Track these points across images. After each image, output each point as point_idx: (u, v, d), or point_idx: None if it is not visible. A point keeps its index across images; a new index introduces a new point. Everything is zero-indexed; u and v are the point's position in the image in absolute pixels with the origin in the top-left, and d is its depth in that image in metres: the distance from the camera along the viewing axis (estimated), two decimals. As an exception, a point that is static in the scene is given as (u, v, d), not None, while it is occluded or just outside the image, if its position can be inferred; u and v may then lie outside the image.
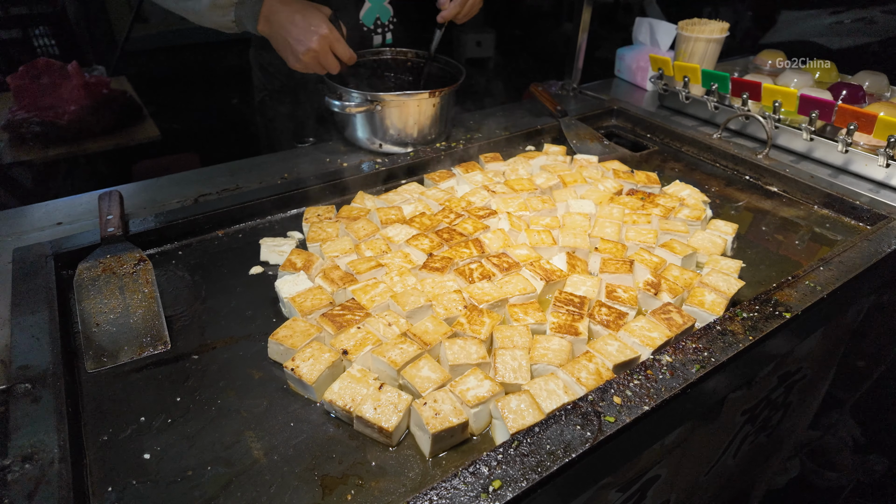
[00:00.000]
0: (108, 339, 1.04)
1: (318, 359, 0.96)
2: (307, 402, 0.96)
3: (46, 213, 1.44)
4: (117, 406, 0.95)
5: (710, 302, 1.12)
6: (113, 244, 1.24)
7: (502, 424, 0.87)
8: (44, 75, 2.64)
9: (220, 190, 1.53)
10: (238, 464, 0.86)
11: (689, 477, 1.42)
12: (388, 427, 0.86)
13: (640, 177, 1.60)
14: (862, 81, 2.00)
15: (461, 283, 1.17)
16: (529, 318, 1.08)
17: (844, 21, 3.04)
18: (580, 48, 2.23)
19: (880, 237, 1.33)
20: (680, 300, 1.17)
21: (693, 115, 2.07)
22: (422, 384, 0.92)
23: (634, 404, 0.88)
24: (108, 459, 0.86)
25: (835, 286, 1.15)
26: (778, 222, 1.52)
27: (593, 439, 0.82)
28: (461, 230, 1.33)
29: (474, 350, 0.98)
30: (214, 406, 0.95)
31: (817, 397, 1.94)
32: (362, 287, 1.13)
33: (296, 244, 1.33)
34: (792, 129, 1.75)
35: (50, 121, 2.55)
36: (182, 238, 1.36)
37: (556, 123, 1.96)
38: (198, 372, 1.02)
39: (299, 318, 1.06)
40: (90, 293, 1.12)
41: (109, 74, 3.25)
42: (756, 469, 1.90)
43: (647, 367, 0.94)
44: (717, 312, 1.10)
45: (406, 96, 1.61)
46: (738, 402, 1.30)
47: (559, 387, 0.92)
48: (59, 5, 3.71)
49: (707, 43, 2.09)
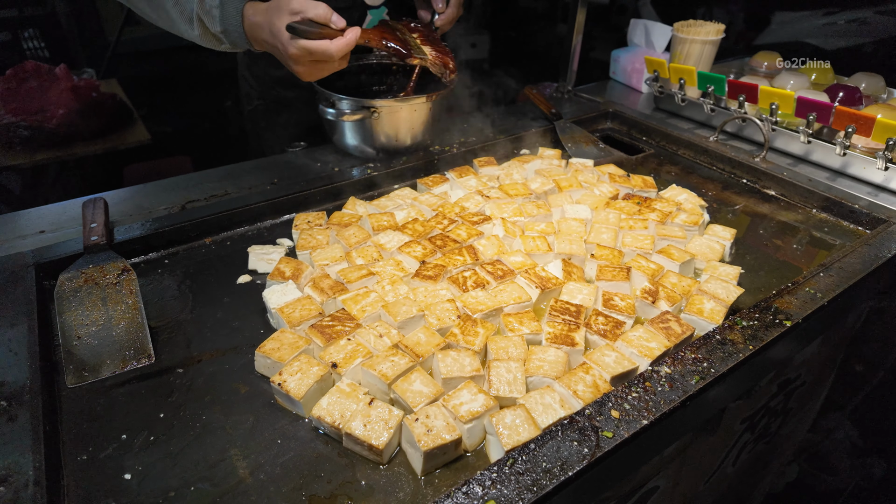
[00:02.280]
0: (90, 353, 1.01)
1: (306, 373, 0.93)
2: (295, 418, 0.93)
3: (29, 220, 1.40)
4: (98, 423, 0.91)
5: (710, 310, 1.10)
6: (96, 253, 1.20)
7: (497, 441, 0.84)
8: (32, 78, 2.60)
9: (208, 196, 1.50)
10: (222, 483, 0.83)
11: (689, 487, 1.40)
12: (379, 445, 0.83)
13: (636, 181, 1.57)
14: (858, 83, 1.99)
15: (455, 291, 1.15)
16: (524, 328, 1.05)
17: (838, 22, 3.03)
18: (575, 50, 2.21)
19: (880, 241, 1.31)
20: (678, 308, 1.14)
21: (689, 118, 2.05)
22: (413, 399, 0.89)
23: (633, 418, 0.85)
24: (86, 480, 0.83)
25: (835, 293, 1.13)
26: (776, 226, 1.50)
27: (591, 456, 0.79)
28: (455, 237, 1.30)
29: (468, 362, 0.95)
30: (199, 422, 0.92)
31: (816, 403, 1.92)
32: (353, 297, 1.10)
33: (285, 252, 1.30)
34: (789, 131, 1.74)
35: (37, 125, 2.51)
36: (168, 246, 1.33)
37: (550, 126, 1.93)
38: (182, 386, 0.99)
39: (287, 330, 1.03)
40: (71, 305, 1.09)
41: (100, 77, 3.21)
42: (755, 476, 1.88)
43: (646, 378, 0.91)
44: (716, 321, 1.07)
45: (400, 102, 1.58)
46: (737, 411, 1.28)
47: (555, 400, 0.89)
48: (50, 8, 3.66)
49: (703, 45, 2.08)
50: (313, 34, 1.18)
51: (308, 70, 1.27)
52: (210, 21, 1.28)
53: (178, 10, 1.29)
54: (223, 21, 1.27)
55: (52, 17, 3.68)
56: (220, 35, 1.30)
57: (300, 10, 1.18)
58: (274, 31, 1.22)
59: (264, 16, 1.24)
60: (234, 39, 1.31)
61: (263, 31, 1.25)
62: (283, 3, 1.20)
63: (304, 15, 1.18)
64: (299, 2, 1.19)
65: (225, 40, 1.32)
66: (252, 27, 1.27)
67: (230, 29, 1.28)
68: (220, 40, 1.32)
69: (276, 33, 1.21)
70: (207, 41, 1.34)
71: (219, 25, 1.27)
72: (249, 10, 1.27)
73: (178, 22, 1.31)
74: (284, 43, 1.20)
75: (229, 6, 1.27)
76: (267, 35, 1.24)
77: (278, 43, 1.22)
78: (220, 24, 1.27)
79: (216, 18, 1.26)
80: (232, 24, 1.28)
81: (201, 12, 1.27)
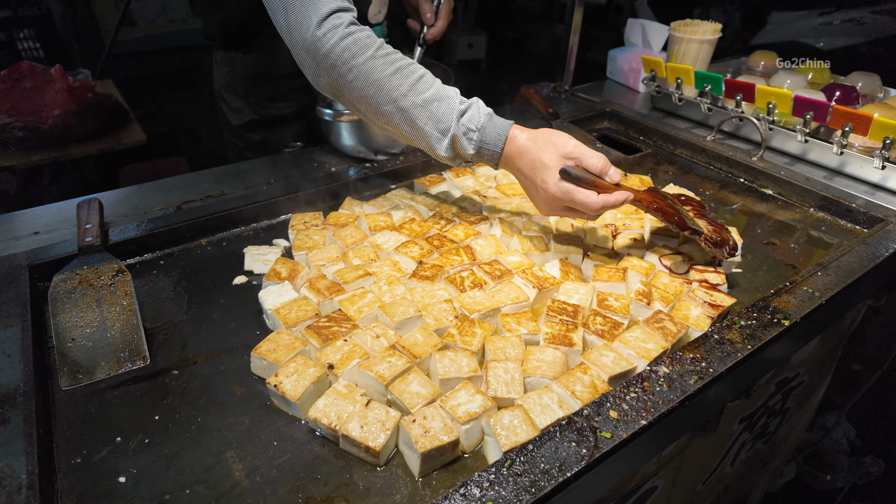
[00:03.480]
0: (84, 355, 1.00)
1: (302, 374, 0.92)
2: (291, 420, 0.93)
3: (23, 221, 1.39)
4: (92, 426, 0.90)
5: (696, 317, 1.08)
6: (91, 254, 1.19)
7: (495, 442, 0.84)
8: (27, 79, 2.59)
9: (203, 196, 1.49)
10: (218, 486, 0.82)
11: (687, 487, 1.39)
12: (376, 446, 0.82)
13: (633, 180, 1.57)
14: (855, 82, 1.99)
15: (452, 291, 1.14)
16: (522, 329, 1.04)
17: (834, 21, 3.04)
18: (572, 50, 2.20)
19: (877, 240, 1.31)
20: (671, 308, 1.13)
21: (686, 117, 2.05)
22: (411, 400, 0.88)
23: (631, 419, 0.84)
24: (80, 483, 0.82)
25: (833, 292, 1.13)
26: (773, 225, 1.50)
27: (589, 456, 0.79)
28: (452, 237, 1.29)
29: (465, 363, 0.95)
30: (194, 424, 0.91)
31: (814, 402, 1.92)
32: (349, 297, 1.10)
33: (281, 253, 1.29)
34: (786, 130, 1.74)
35: (33, 125, 2.49)
36: (164, 247, 1.32)
37: (548, 126, 1.93)
38: (178, 388, 0.98)
39: (283, 331, 1.02)
40: (66, 306, 1.08)
41: (95, 78, 3.19)
42: (754, 475, 1.88)
43: (644, 378, 0.91)
44: (701, 328, 1.05)
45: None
46: (735, 410, 1.28)
47: (553, 401, 0.89)
48: (45, 8, 3.65)
49: (700, 44, 2.07)
50: (584, 183, 1.10)
51: (551, 210, 1.18)
52: (464, 144, 1.17)
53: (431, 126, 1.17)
54: (480, 144, 1.17)
55: (48, 18, 3.66)
56: (471, 157, 1.20)
57: (577, 156, 1.11)
58: (537, 166, 1.13)
59: (533, 145, 1.14)
60: (484, 160, 1.21)
61: (523, 160, 1.15)
62: (559, 142, 1.12)
63: (580, 162, 1.11)
64: (578, 148, 1.12)
65: (472, 160, 1.22)
66: (514, 154, 1.16)
67: (485, 151, 1.18)
68: (465, 159, 1.22)
69: (540, 168, 1.12)
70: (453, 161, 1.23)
71: (472, 149, 1.17)
72: (519, 134, 1.16)
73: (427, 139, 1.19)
74: (548, 181, 1.11)
75: (489, 129, 1.16)
76: (525, 165, 1.15)
77: (538, 178, 1.14)
78: (475, 147, 1.17)
79: (473, 142, 1.17)
80: (488, 146, 1.17)
81: (457, 135, 1.16)
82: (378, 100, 1.16)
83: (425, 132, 1.17)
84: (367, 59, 1.12)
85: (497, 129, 1.16)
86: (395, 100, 1.15)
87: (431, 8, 1.59)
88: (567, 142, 1.13)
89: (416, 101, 1.15)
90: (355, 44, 1.12)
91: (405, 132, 1.20)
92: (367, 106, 1.18)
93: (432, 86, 1.17)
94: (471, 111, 1.17)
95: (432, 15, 1.59)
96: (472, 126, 1.16)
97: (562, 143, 1.12)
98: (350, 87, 1.15)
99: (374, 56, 1.13)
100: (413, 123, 1.17)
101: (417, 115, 1.16)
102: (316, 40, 1.11)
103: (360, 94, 1.15)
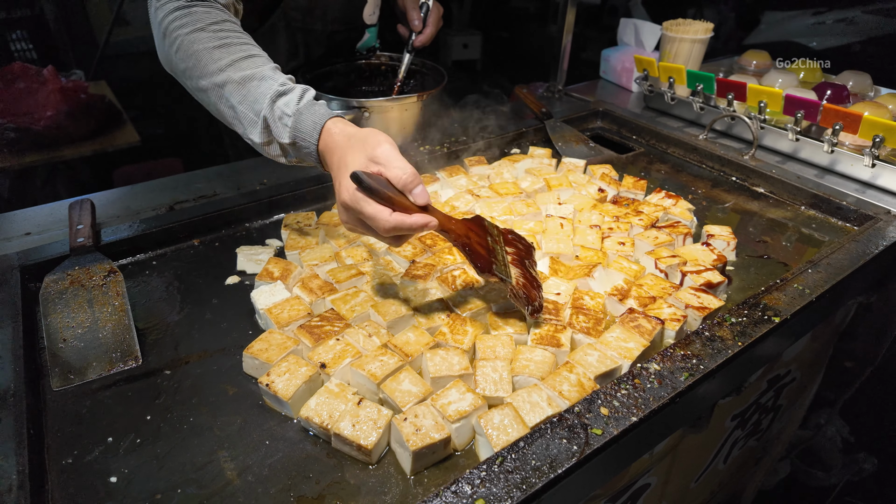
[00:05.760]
0: (76, 355, 1.00)
1: (294, 373, 0.92)
2: (283, 419, 0.93)
3: (15, 222, 1.39)
4: (83, 426, 0.90)
5: (668, 315, 1.08)
6: (82, 255, 1.19)
7: (486, 441, 0.84)
8: (19, 80, 2.58)
9: (196, 197, 1.49)
10: (210, 486, 0.82)
11: (680, 484, 1.40)
12: (368, 445, 0.82)
13: (627, 182, 1.57)
14: (846, 81, 2.00)
15: (444, 290, 1.14)
16: (510, 328, 1.05)
17: (826, 21, 3.06)
18: (565, 50, 2.21)
19: (867, 238, 1.32)
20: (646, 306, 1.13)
21: (679, 116, 2.06)
22: (402, 398, 0.88)
23: (622, 415, 0.85)
24: (71, 484, 0.82)
25: (823, 289, 1.14)
26: (765, 224, 1.51)
27: (580, 453, 0.79)
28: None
29: (456, 361, 0.95)
30: (186, 424, 0.91)
31: (807, 399, 1.93)
32: (342, 297, 1.10)
33: (274, 252, 1.29)
34: (777, 129, 1.75)
35: (25, 127, 2.48)
36: (156, 247, 1.32)
37: (541, 126, 1.94)
38: (170, 388, 0.98)
39: (275, 331, 1.02)
40: (57, 307, 1.08)
41: (89, 79, 3.18)
42: (747, 473, 1.88)
43: (635, 375, 0.91)
44: (673, 327, 1.05)
45: (391, 101, 1.57)
46: (727, 407, 1.28)
47: (543, 398, 0.89)
48: (38, 9, 3.63)
49: (692, 43, 2.08)
50: (379, 196, 0.90)
51: (346, 221, 0.98)
52: (278, 129, 1.04)
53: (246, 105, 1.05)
54: (294, 132, 1.03)
55: (40, 19, 3.65)
56: (288, 147, 1.06)
57: (383, 162, 0.92)
58: (341, 166, 0.96)
59: (346, 142, 0.98)
60: (303, 155, 1.06)
61: (333, 157, 0.99)
62: (370, 140, 0.94)
63: (384, 170, 0.91)
64: (388, 154, 0.92)
65: (291, 153, 1.08)
66: (326, 151, 1.01)
67: (301, 143, 1.04)
68: (286, 152, 1.09)
69: (342, 169, 0.95)
70: (270, 151, 1.09)
71: (287, 137, 1.03)
72: (334, 127, 1.01)
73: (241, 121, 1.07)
74: (342, 183, 0.93)
75: (306, 117, 1.02)
76: (334, 164, 0.99)
77: (337, 180, 0.97)
78: (290, 135, 1.03)
79: (287, 128, 1.02)
80: (303, 136, 1.03)
81: (270, 118, 1.03)
82: (196, 73, 1.05)
83: (238, 112, 1.05)
84: (193, 30, 1.04)
85: (315, 118, 1.01)
86: (211, 74, 1.04)
87: (419, 15, 1.59)
88: (379, 144, 0.93)
89: (234, 77, 1.03)
90: (189, 15, 1.05)
91: (225, 114, 1.08)
92: (190, 81, 1.07)
93: (260, 67, 1.05)
94: (290, 95, 1.03)
95: (420, 22, 1.59)
96: (287, 111, 1.01)
97: (371, 145, 0.94)
98: (175, 59, 1.06)
99: (202, 28, 1.05)
100: (228, 102, 1.05)
101: (232, 92, 1.04)
102: (157, 9, 1.08)
103: (182, 67, 1.06)
